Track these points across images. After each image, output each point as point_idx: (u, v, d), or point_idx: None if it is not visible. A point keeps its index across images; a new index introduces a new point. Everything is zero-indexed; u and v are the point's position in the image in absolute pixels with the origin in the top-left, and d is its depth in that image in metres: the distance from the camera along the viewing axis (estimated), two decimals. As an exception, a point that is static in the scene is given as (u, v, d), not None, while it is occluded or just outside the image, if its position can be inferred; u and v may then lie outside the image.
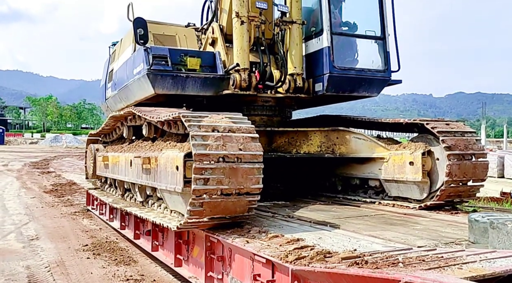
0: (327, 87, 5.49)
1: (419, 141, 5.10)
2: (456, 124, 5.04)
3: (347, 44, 5.71)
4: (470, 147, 4.74)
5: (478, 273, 1.93)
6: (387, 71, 5.71)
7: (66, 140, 50.94)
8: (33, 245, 6.04)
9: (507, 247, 2.61)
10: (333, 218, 4.26)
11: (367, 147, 5.56)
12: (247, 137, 3.59)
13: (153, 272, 4.90)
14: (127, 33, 6.38)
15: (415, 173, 4.90)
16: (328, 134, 5.93)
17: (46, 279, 4.60)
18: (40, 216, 8.25)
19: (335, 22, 5.61)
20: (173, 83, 5.21)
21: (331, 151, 5.87)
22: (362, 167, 5.70)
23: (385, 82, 5.80)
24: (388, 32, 5.64)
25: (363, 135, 5.67)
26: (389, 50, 5.66)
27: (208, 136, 3.43)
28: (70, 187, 12.73)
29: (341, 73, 5.48)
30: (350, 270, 2.21)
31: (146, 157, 4.48)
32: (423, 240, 3.26)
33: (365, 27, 5.73)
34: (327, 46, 5.42)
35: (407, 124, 5.26)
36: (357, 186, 5.91)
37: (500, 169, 16.19)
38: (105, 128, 6.68)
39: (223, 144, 3.44)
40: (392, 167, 5.22)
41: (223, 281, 3.57)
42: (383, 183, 5.43)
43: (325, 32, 5.42)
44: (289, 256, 2.64)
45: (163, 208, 4.60)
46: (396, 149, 5.23)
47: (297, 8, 5.59)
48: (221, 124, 3.60)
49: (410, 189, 5.10)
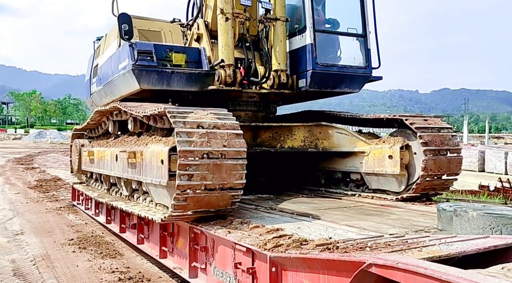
0: (310, 83, 5.61)
1: (398, 135, 5.29)
2: (434, 120, 5.20)
3: (330, 41, 5.84)
4: (445, 143, 4.92)
5: (434, 254, 2.10)
6: (368, 67, 5.86)
7: (50, 135, 50.16)
8: (18, 239, 6.06)
9: (468, 232, 2.81)
10: (313, 210, 4.41)
11: (348, 142, 5.73)
12: (231, 134, 3.66)
13: (138, 264, 5.00)
14: (112, 28, 6.39)
15: (394, 166, 5.08)
16: (311, 129, 6.07)
17: (32, 272, 4.65)
18: (25, 211, 8.22)
19: (318, 19, 5.73)
20: (158, 79, 5.25)
21: (314, 146, 6.01)
22: (344, 161, 5.87)
23: (366, 78, 5.96)
24: (369, 30, 5.79)
25: (345, 130, 5.83)
26: (370, 48, 5.81)
27: (193, 132, 3.50)
28: (55, 182, 12.65)
29: (324, 70, 5.60)
30: (322, 255, 2.36)
31: (131, 151, 4.55)
32: (395, 228, 3.43)
33: (347, 25, 5.87)
34: (310, 43, 5.54)
35: (388, 119, 5.44)
36: (339, 179, 6.08)
37: (481, 163, 16.71)
38: (91, 123, 6.69)
39: (208, 141, 3.50)
40: (372, 161, 5.40)
41: (206, 270, 3.68)
42: (364, 176, 5.61)
43: (308, 30, 5.53)
44: (267, 244, 2.78)
45: (149, 201, 4.67)
46: (376, 144, 5.41)
47: (281, 5, 5.69)
48: (206, 121, 3.66)
49: (389, 181, 5.29)
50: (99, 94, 7.08)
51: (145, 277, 4.52)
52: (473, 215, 2.81)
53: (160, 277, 4.58)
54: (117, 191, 5.83)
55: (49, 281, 4.42)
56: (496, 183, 9.66)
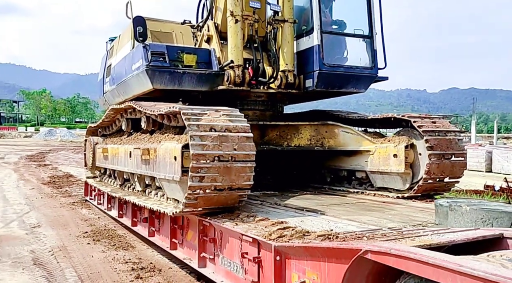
0: (317, 83, 5.76)
1: (403, 134, 5.41)
2: (442, 122, 5.22)
3: (337, 42, 5.98)
4: (451, 147, 4.96)
5: (425, 243, 2.28)
6: (374, 68, 5.98)
7: (60, 134, 50.85)
8: (36, 232, 6.33)
9: (461, 225, 2.96)
10: (316, 205, 4.57)
11: (354, 141, 5.86)
12: (242, 137, 3.77)
13: (150, 255, 5.22)
14: (126, 29, 6.60)
15: (398, 165, 5.20)
16: (317, 128, 6.22)
17: (50, 262, 4.91)
18: (40, 206, 8.51)
19: (325, 21, 5.87)
20: (170, 79, 5.44)
21: (320, 144, 6.16)
22: (350, 160, 6.00)
23: (372, 78, 6.08)
24: (375, 31, 5.92)
25: (351, 129, 5.96)
26: (376, 48, 5.94)
27: (206, 136, 3.62)
28: (67, 179, 12.97)
29: (330, 70, 5.74)
30: (322, 244, 2.56)
31: (145, 148, 4.74)
32: (394, 223, 3.57)
33: (354, 26, 5.99)
34: (317, 44, 5.68)
35: (395, 119, 5.52)
36: (345, 177, 6.22)
37: (488, 163, 16.60)
38: (105, 120, 6.91)
39: (219, 144, 3.63)
40: (378, 159, 5.53)
41: (214, 260, 3.88)
42: (369, 174, 5.74)
43: (315, 31, 5.67)
44: (272, 235, 2.98)
45: (160, 196, 4.89)
46: (381, 143, 5.53)
47: (289, 7, 5.84)
48: (219, 123, 3.76)
49: (394, 180, 5.41)
50: (112, 93, 7.30)
51: (156, 267, 4.74)
52: (466, 209, 2.96)
53: (170, 267, 4.79)
54: (130, 186, 6.05)
55: (67, 269, 4.66)
56: (502, 183, 9.69)
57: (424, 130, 4.94)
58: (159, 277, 4.44)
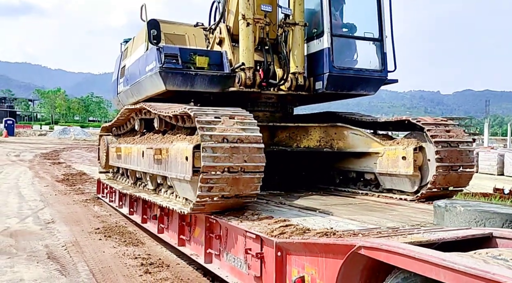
0: (327, 86, 5.82)
1: (412, 137, 5.43)
2: (456, 132, 5.12)
3: (346, 45, 6.03)
4: (460, 159, 4.92)
5: (416, 240, 2.40)
6: (383, 71, 6.01)
7: (74, 132, 51.71)
8: (50, 227, 6.55)
9: (456, 225, 3.06)
10: (320, 205, 4.67)
11: (363, 143, 5.91)
12: (253, 148, 3.81)
13: (159, 252, 5.39)
14: (140, 31, 6.76)
15: (407, 167, 5.23)
16: (327, 129, 6.28)
17: (64, 256, 5.10)
18: (54, 202, 8.76)
19: (335, 24, 5.93)
20: (183, 80, 5.56)
21: (330, 146, 6.22)
22: (359, 161, 6.04)
23: (382, 81, 6.12)
24: (385, 34, 5.95)
25: (360, 130, 6.00)
26: (386, 51, 5.97)
27: (218, 147, 3.66)
28: (80, 177, 13.26)
29: (340, 73, 5.80)
30: (320, 240, 2.71)
31: (157, 148, 4.87)
32: (393, 222, 3.65)
33: (364, 29, 6.04)
34: (327, 47, 5.74)
35: (409, 123, 5.41)
36: (354, 179, 6.26)
37: (500, 166, 16.38)
38: (120, 119, 7.08)
39: (230, 156, 3.69)
40: (386, 161, 5.56)
41: (220, 256, 4.03)
42: (377, 176, 5.78)
43: (326, 34, 5.73)
44: (274, 231, 3.12)
45: (169, 193, 5.04)
46: (390, 145, 5.56)
47: (300, 10, 5.91)
48: (232, 133, 3.78)
49: (403, 182, 5.44)
50: (125, 94, 7.48)
51: (165, 263, 4.90)
52: (460, 210, 3.06)
53: (178, 263, 4.95)
54: (140, 184, 6.21)
55: (79, 264, 4.84)
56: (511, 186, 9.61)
57: (437, 141, 4.88)
58: (167, 272, 4.59)
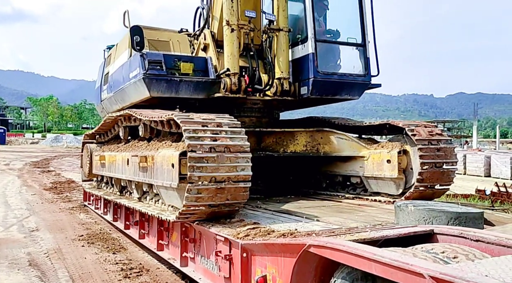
0: (312, 91, 5.84)
1: (396, 140, 5.47)
2: (436, 130, 5.21)
3: (330, 50, 6.07)
4: (443, 156, 5.01)
5: (360, 237, 2.61)
6: (367, 75, 6.06)
7: (66, 140, 51.36)
8: (34, 235, 6.50)
9: (408, 223, 3.25)
10: (294, 208, 4.79)
11: (349, 147, 5.93)
12: (240, 157, 3.77)
13: (140, 257, 5.43)
14: (123, 38, 6.74)
15: (392, 170, 5.26)
16: (313, 134, 6.29)
17: (45, 263, 5.11)
18: (40, 210, 8.67)
19: (319, 30, 5.97)
20: (167, 87, 5.54)
21: (316, 150, 6.23)
22: (345, 165, 6.06)
23: (366, 86, 6.16)
24: (368, 40, 6.00)
25: (345, 135, 6.02)
26: (369, 56, 6.02)
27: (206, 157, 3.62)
28: (69, 185, 13.14)
29: (325, 78, 5.83)
30: (277, 240, 2.86)
31: (143, 155, 4.82)
32: (357, 223, 3.75)
33: (347, 35, 6.09)
34: (311, 53, 5.77)
35: (391, 126, 5.51)
36: (340, 182, 6.28)
37: (487, 168, 16.58)
38: (103, 126, 7.01)
39: (217, 167, 3.64)
40: (372, 165, 5.58)
41: (194, 259, 4.11)
42: (363, 179, 5.79)
43: (310, 40, 5.77)
44: (240, 234, 3.27)
45: (154, 201, 5.02)
46: (375, 148, 5.59)
47: (283, 16, 5.94)
48: (219, 143, 3.73)
49: (388, 185, 5.46)
50: (109, 101, 7.43)
51: (145, 268, 4.95)
52: (411, 209, 3.27)
53: (158, 268, 4.99)
54: (126, 193, 6.17)
55: (60, 270, 4.85)
56: (492, 188, 9.78)
57: (418, 139, 4.98)
58: (146, 276, 4.65)
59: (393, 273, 1.84)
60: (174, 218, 3.98)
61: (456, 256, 2.19)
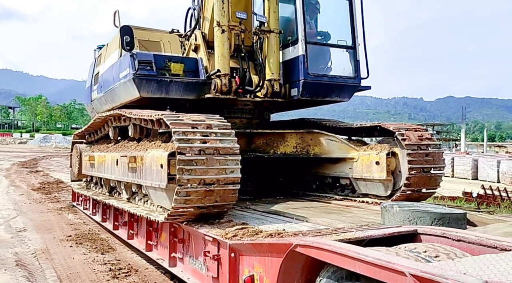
0: (302, 92, 5.88)
1: (385, 142, 5.52)
2: (425, 135, 5.24)
3: (321, 52, 6.12)
4: (431, 161, 5.05)
5: (345, 237, 2.65)
6: (357, 78, 6.13)
7: (55, 140, 50.75)
8: (21, 235, 6.44)
9: (393, 224, 3.31)
10: (283, 209, 4.80)
11: (338, 148, 5.97)
12: (229, 160, 3.76)
13: (129, 257, 5.42)
14: (113, 38, 6.70)
15: (380, 172, 5.30)
16: (303, 136, 6.32)
17: (32, 263, 5.07)
18: (28, 211, 8.57)
19: (310, 32, 6.02)
20: (157, 87, 5.52)
21: (306, 152, 6.26)
22: (334, 167, 6.10)
23: (355, 88, 6.22)
24: (358, 42, 6.07)
25: (335, 136, 6.07)
26: (359, 59, 6.09)
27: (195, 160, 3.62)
28: (57, 185, 13.00)
29: (315, 80, 5.87)
30: (264, 240, 2.89)
31: (132, 156, 4.79)
32: (344, 223, 3.78)
33: (338, 37, 6.15)
34: (302, 54, 5.81)
35: (381, 128, 5.56)
36: (330, 184, 6.32)
37: (474, 171, 16.89)
38: (92, 127, 6.97)
39: (207, 170, 3.65)
40: (361, 167, 5.63)
41: (183, 260, 4.12)
42: (352, 181, 5.84)
43: (300, 42, 5.81)
44: (228, 234, 3.29)
45: (144, 202, 4.99)
46: (364, 150, 5.64)
47: (274, 18, 5.98)
48: (209, 145, 3.73)
49: (376, 186, 5.51)
50: (99, 101, 7.37)
51: (134, 268, 4.94)
52: (396, 210, 3.33)
53: (147, 268, 4.99)
54: (115, 193, 6.12)
55: (47, 270, 4.81)
56: (479, 190, 9.95)
57: (407, 144, 5.00)
58: (134, 277, 4.64)
59: (376, 272, 1.89)
60: (163, 218, 3.97)
61: (437, 255, 2.24)
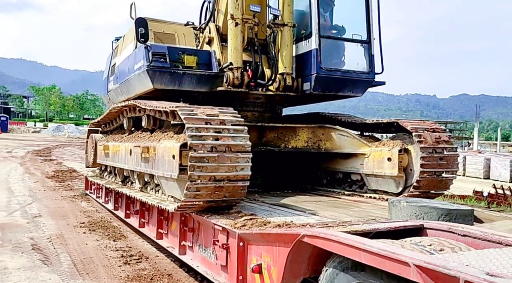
0: (314, 87, 5.86)
1: (398, 139, 5.49)
2: (443, 137, 5.11)
3: (334, 46, 6.07)
4: (444, 165, 4.98)
5: (351, 229, 2.69)
6: (371, 73, 6.07)
7: (68, 130, 51.48)
8: (36, 221, 6.63)
9: (400, 218, 3.32)
10: (291, 202, 4.84)
11: (350, 144, 5.95)
12: (241, 158, 3.79)
13: (140, 245, 5.55)
14: (129, 30, 6.76)
15: (392, 168, 5.28)
16: (314, 130, 6.31)
17: (48, 247, 5.23)
18: (43, 198, 8.78)
19: (324, 25, 5.97)
20: (170, 79, 5.57)
21: (317, 147, 6.26)
22: (345, 162, 6.09)
23: (369, 83, 6.16)
24: (373, 37, 6.00)
25: (347, 132, 6.04)
26: (373, 53, 6.02)
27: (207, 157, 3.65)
28: (70, 173, 13.24)
29: (328, 74, 5.84)
30: (273, 230, 2.95)
31: (145, 146, 4.87)
32: (352, 217, 3.78)
33: (353, 31, 6.09)
34: (315, 48, 5.78)
35: (398, 125, 5.43)
36: (340, 179, 6.31)
37: (486, 170, 16.66)
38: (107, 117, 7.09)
39: (217, 167, 3.67)
40: (372, 162, 5.61)
41: (193, 248, 4.22)
42: (363, 177, 5.82)
43: (314, 35, 5.77)
44: (237, 224, 3.36)
45: (155, 192, 5.08)
46: (376, 146, 5.61)
47: (288, 11, 5.95)
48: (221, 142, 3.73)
49: (388, 183, 5.49)
50: (115, 92, 7.48)
51: (144, 255, 5.07)
52: (404, 205, 3.35)
53: (157, 255, 5.11)
54: (128, 182, 6.24)
55: (62, 255, 4.97)
56: (490, 189, 9.83)
57: (422, 147, 4.90)
58: (145, 263, 4.77)
59: (380, 262, 1.93)
60: (174, 208, 4.04)
61: (442, 248, 2.27)
